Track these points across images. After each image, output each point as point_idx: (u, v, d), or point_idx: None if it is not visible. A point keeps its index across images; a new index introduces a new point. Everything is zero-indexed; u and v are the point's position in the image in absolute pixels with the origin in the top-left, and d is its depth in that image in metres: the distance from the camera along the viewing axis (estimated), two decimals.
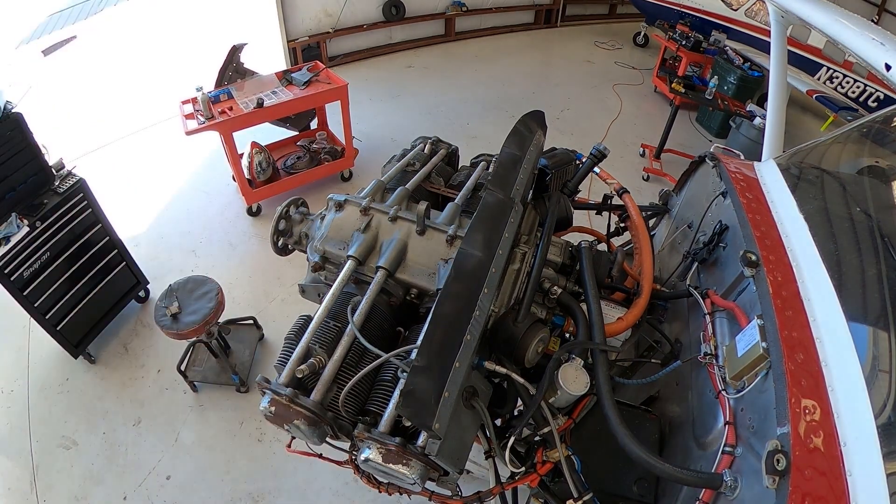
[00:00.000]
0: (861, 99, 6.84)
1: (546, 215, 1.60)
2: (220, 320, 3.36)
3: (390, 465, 1.08)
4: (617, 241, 2.13)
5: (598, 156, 1.80)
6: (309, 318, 1.37)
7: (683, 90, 5.54)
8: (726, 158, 1.80)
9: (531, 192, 1.75)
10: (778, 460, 0.97)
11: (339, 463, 1.57)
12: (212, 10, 10.40)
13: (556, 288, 1.41)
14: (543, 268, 1.45)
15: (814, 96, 6.22)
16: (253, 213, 5.04)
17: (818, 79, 6.97)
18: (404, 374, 1.12)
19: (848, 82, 6.91)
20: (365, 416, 1.22)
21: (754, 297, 1.28)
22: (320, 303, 1.42)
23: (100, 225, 3.64)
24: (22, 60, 6.69)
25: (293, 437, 1.68)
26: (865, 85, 6.77)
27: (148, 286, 4.17)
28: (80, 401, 3.56)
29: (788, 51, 6.22)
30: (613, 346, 1.46)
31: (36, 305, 3.30)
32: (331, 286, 1.45)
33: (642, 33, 9.19)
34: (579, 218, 1.99)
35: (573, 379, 1.20)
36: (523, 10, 9.62)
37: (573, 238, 1.76)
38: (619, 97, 7.57)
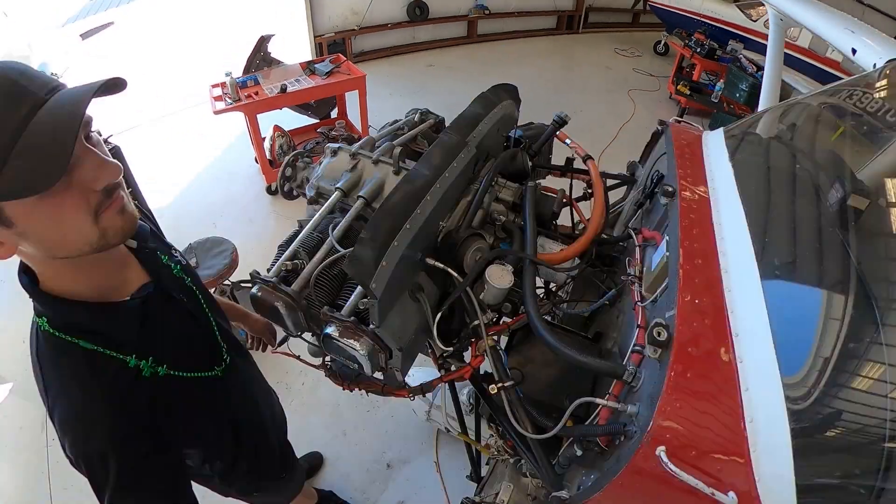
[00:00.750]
0: (879, 114, 6.89)
1: (516, 170, 1.86)
2: (234, 279, 3.63)
3: (345, 339, 1.32)
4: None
5: (560, 122, 2.02)
6: (299, 231, 1.62)
7: (689, 92, 5.71)
8: (678, 127, 2.00)
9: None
10: (659, 333, 1.13)
11: (313, 366, 1.82)
12: (243, 3, 10.84)
13: (501, 217, 1.66)
14: (495, 203, 1.71)
15: (822, 108, 6.31)
16: (272, 192, 5.34)
17: None
18: None
19: (867, 98, 6.98)
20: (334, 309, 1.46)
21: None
22: None
23: (130, 190, 3.92)
24: (61, 42, 7.09)
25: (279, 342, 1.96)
26: (884, 101, 6.82)
27: None
28: None
29: (809, 64, 6.36)
30: (542, 261, 1.64)
31: None
32: None
33: (663, 42, 9.34)
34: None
35: (498, 275, 1.41)
36: (545, 16, 9.85)
37: None
38: (634, 102, 7.73)
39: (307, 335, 1.62)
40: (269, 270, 1.52)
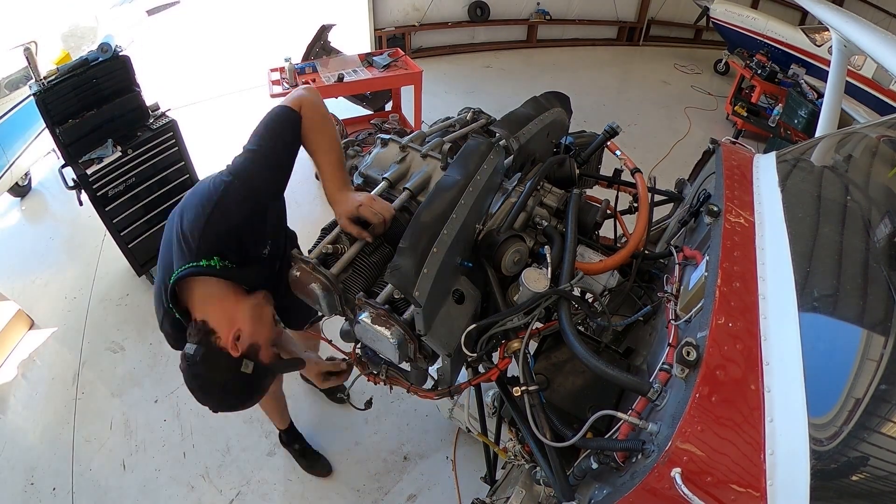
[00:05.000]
0: None
1: (563, 176, 1.87)
2: None
3: (377, 326, 1.35)
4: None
5: (611, 132, 2.02)
6: None
7: (746, 114, 5.55)
8: (730, 147, 1.97)
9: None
10: (688, 352, 1.11)
11: (342, 352, 1.86)
12: None
13: (543, 221, 1.66)
14: (539, 208, 1.72)
15: (881, 140, 6.07)
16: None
17: None
18: None
19: None
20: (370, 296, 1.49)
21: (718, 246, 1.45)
22: None
23: (183, 163, 4.09)
24: (126, 16, 7.37)
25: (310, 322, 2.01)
26: None
27: None
28: (135, 314, 3.98)
29: (872, 95, 6.11)
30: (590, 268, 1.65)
31: (114, 222, 3.77)
32: None
33: (724, 61, 9.08)
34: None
35: (535, 279, 1.42)
36: (607, 25, 9.72)
37: None
38: (689, 120, 7.57)
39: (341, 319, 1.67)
40: (309, 252, 1.57)
